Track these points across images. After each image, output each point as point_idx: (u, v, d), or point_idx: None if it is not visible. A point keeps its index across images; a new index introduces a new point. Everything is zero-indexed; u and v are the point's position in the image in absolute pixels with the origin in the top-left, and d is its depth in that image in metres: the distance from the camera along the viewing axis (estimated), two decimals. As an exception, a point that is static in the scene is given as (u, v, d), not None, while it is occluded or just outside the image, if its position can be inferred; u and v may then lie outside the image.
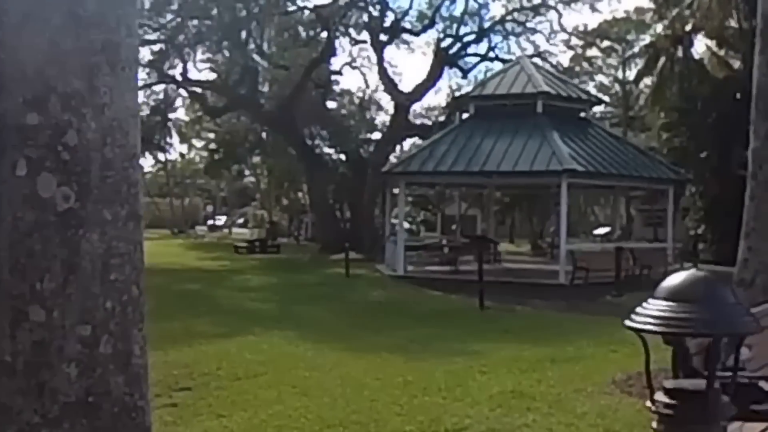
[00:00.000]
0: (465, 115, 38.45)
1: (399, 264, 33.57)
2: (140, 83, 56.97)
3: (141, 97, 62.29)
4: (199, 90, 59.55)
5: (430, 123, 58.70)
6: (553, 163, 30.06)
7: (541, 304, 24.71)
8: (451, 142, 33.85)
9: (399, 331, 19.36)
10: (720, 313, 4.49)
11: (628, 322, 4.60)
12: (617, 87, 71.68)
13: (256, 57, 54.35)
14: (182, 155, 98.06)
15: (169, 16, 49.07)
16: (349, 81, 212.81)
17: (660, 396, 4.61)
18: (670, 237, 36.49)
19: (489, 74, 46.98)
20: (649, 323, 4.54)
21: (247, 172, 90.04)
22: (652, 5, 55.17)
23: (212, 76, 59.70)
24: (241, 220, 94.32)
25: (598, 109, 63.96)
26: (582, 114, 36.94)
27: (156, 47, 52.37)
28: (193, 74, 57.26)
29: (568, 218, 34.92)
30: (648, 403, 4.59)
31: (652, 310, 4.56)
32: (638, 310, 4.61)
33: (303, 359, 15.36)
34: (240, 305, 25.76)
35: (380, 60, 54.24)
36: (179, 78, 55.83)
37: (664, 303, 4.53)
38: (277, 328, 19.94)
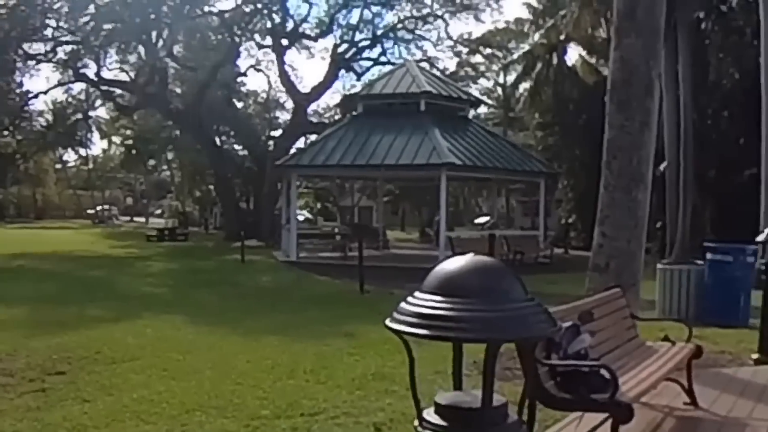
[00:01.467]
0: (355, 113, 37.89)
1: (292, 250, 33.39)
2: (56, 82, 57.00)
3: (61, 95, 61.85)
4: (111, 89, 58.71)
5: (326, 121, 58.64)
6: (434, 157, 30.03)
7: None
8: (340, 137, 33.71)
9: (281, 315, 18.51)
10: (502, 313, 3.34)
11: (388, 322, 3.63)
12: (499, 90, 72.17)
13: (166, 58, 53.64)
14: (104, 151, 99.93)
15: (85, 19, 48.34)
16: (255, 82, 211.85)
17: (430, 415, 3.64)
18: (541, 225, 38.08)
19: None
20: (411, 323, 3.49)
21: (164, 167, 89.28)
22: (530, 17, 56.58)
23: (124, 76, 58.85)
24: (158, 211, 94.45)
25: (482, 110, 68.39)
26: (462, 113, 36.58)
27: (68, 48, 51.60)
28: (106, 74, 55.93)
29: (454, 208, 35.04)
30: (416, 423, 3.66)
31: (418, 305, 3.53)
32: (402, 304, 3.60)
33: (182, 343, 14.35)
34: (137, 290, 24.65)
35: (281, 63, 54.99)
36: (94, 78, 55.05)
37: (432, 297, 3.49)
38: (167, 312, 18.82)
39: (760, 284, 12.50)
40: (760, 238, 12.07)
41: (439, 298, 3.46)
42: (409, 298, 3.65)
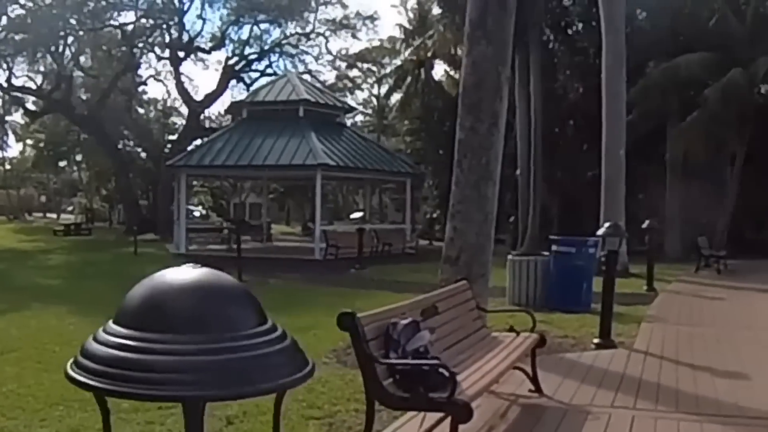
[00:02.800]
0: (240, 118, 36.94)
1: (182, 243, 32.34)
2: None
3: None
4: (21, 95, 57.32)
5: (216, 126, 57.87)
6: (310, 158, 29.61)
7: (295, 277, 23.09)
8: (226, 140, 32.95)
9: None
10: (217, 357, 2.18)
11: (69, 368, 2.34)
12: (374, 101, 72.25)
13: (72, 67, 52.64)
14: (21, 153, 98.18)
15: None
16: (156, 90, 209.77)
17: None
18: (407, 219, 37.59)
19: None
20: (89, 370, 2.26)
21: (74, 167, 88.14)
22: (401, 36, 57.30)
23: (33, 83, 57.20)
24: (70, 208, 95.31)
25: (359, 118, 70.85)
26: (338, 119, 35.93)
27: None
28: (16, 81, 54.21)
29: (334, 204, 34.90)
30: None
31: (103, 343, 2.30)
32: (89, 342, 2.40)
33: (62, 334, 13.09)
34: (31, 282, 23.27)
35: (177, 73, 54.62)
36: (4, 84, 53.51)
37: (122, 331, 2.28)
38: (55, 303, 17.56)
39: (601, 272, 12.12)
40: (600, 232, 11.68)
41: (129, 332, 2.25)
42: (100, 332, 2.38)
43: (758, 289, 19.32)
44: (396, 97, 59.02)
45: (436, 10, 45.49)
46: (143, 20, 51.72)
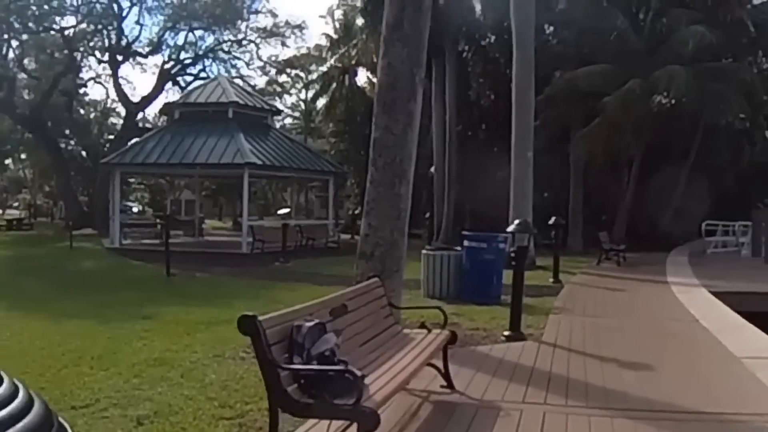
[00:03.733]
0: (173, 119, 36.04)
1: (116, 238, 31.23)
2: None
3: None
4: None
5: (150, 126, 56.82)
6: (237, 157, 28.82)
7: (222, 271, 22.14)
8: (158, 139, 32.00)
9: (89, 298, 16.20)
10: None
11: None
12: (302, 105, 71.48)
13: (15, 69, 51.20)
14: None
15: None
16: (97, 92, 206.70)
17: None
18: (330, 215, 37.11)
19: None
20: None
21: (20, 165, 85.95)
22: (327, 44, 57.17)
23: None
24: (16, 204, 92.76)
25: (288, 121, 71.02)
26: (265, 121, 34.99)
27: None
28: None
29: (264, 201, 34.36)
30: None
31: None
32: None
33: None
34: (-41, 276, 21.91)
35: (116, 76, 53.52)
36: None
37: None
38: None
39: (511, 266, 11.64)
40: (510, 228, 11.21)
41: None
42: None
43: (655, 280, 19.18)
44: (322, 102, 59.21)
45: (359, 21, 45.15)
46: (84, 25, 50.70)
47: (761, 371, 8.50)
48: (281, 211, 49.17)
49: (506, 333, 10.53)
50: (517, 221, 11.53)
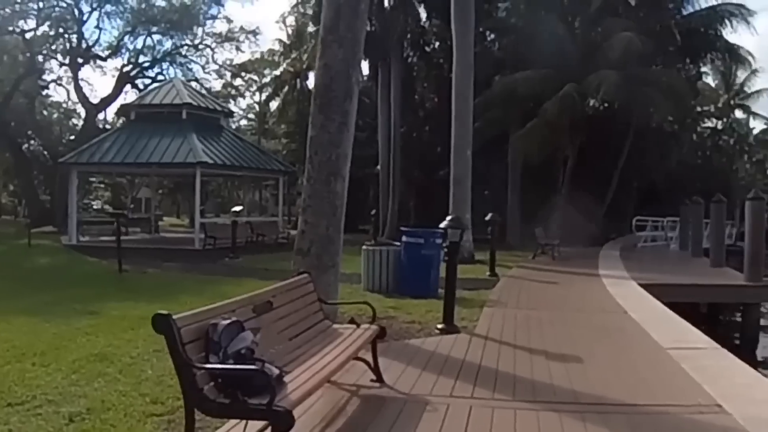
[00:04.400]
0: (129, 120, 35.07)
1: (73, 235, 30.41)
2: None
3: None
4: None
5: (109, 127, 55.32)
6: (190, 156, 28.17)
7: (173, 266, 21.56)
8: (114, 139, 31.14)
9: (42, 294, 15.69)
10: None
11: None
12: (256, 107, 70.54)
13: None
14: None
15: None
16: (60, 94, 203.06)
17: None
18: (280, 212, 36.39)
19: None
20: None
21: None
22: (280, 49, 56.32)
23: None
24: None
25: (243, 122, 70.85)
26: (218, 122, 34.15)
27: None
28: None
29: (221, 199, 33.86)
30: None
31: None
32: None
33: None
34: None
35: (76, 79, 52.39)
36: None
37: None
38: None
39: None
40: (442, 224, 10.89)
41: None
42: None
43: (587, 274, 19.01)
44: (275, 104, 58.20)
45: (311, 28, 44.48)
46: (46, 28, 49.82)
47: (686, 362, 8.36)
48: (235, 209, 48.63)
49: (440, 326, 10.25)
50: (449, 217, 11.23)
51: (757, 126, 59.56)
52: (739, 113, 53.81)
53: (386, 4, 32.62)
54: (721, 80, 49.04)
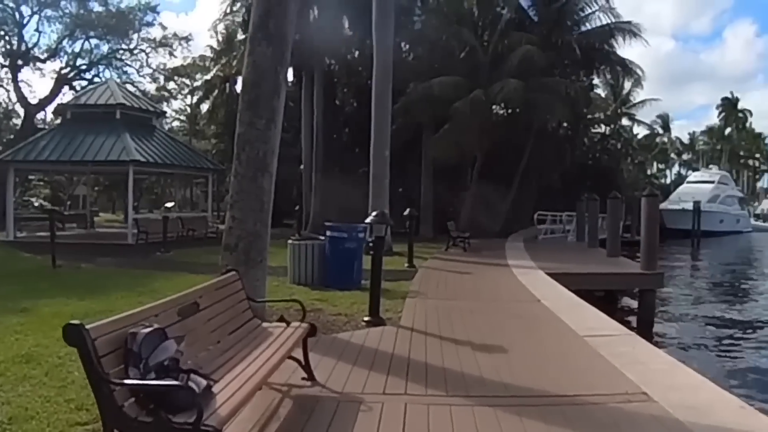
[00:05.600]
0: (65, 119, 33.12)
1: (11, 231, 28.31)
2: None
3: None
4: None
5: (46, 127, 52.96)
6: (123, 155, 26.48)
7: (107, 261, 20.00)
8: (50, 138, 29.16)
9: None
10: None
11: None
12: (188, 109, 69.02)
13: None
14: None
15: None
16: (1, 95, 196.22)
17: None
18: (209, 208, 35.03)
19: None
20: None
21: None
22: (211, 55, 55.85)
23: None
24: None
25: (176, 123, 68.97)
26: (151, 122, 32.45)
27: None
28: None
29: (156, 195, 32.51)
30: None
31: None
32: None
33: None
34: None
35: (15, 80, 49.66)
36: None
37: None
38: None
39: (370, 253, 10.72)
40: (368, 220, 10.20)
41: None
42: None
43: (497, 264, 18.56)
44: (205, 107, 57.30)
45: (240, 35, 43.56)
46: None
47: (603, 348, 7.95)
48: (167, 205, 47.09)
49: (366, 318, 9.55)
50: (374, 213, 10.49)
51: (640, 132, 61.97)
52: (625, 120, 55.51)
53: (311, 17, 31.90)
54: (609, 91, 50.01)
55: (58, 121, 48.51)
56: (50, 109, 52.95)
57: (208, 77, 56.74)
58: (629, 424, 5.49)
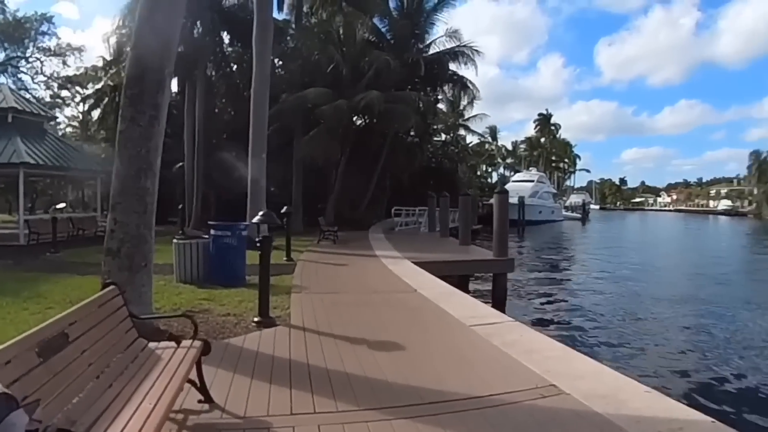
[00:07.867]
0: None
1: None
2: None
3: None
4: None
5: None
6: (14, 157, 23.18)
7: None
8: (-58, 141, 25.12)
9: None
10: None
11: None
12: (80, 116, 63.13)
13: None
14: None
15: None
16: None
17: None
18: (99, 207, 30.60)
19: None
20: None
21: None
22: (102, 65, 51.08)
23: None
24: None
25: (69, 129, 61.68)
26: (42, 126, 28.82)
27: None
28: None
29: (50, 197, 28.89)
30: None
31: None
32: None
33: None
34: None
35: None
36: None
37: None
38: None
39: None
40: (255, 220, 8.64)
41: None
42: None
43: (366, 255, 17.29)
44: (96, 113, 51.66)
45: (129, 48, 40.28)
46: None
47: (493, 338, 6.93)
48: (58, 206, 43.06)
49: (256, 319, 7.96)
50: (261, 213, 8.87)
51: (473, 140, 64.27)
52: (462, 131, 56.42)
53: (195, 32, 29.57)
54: (449, 105, 50.31)
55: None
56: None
57: (99, 86, 52.02)
58: (555, 424, 4.45)
